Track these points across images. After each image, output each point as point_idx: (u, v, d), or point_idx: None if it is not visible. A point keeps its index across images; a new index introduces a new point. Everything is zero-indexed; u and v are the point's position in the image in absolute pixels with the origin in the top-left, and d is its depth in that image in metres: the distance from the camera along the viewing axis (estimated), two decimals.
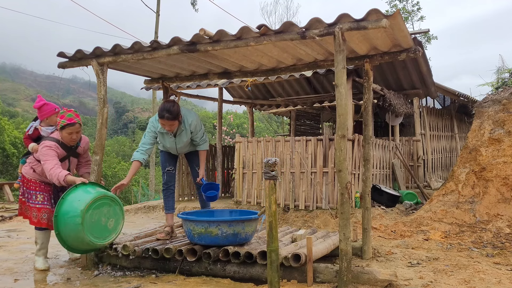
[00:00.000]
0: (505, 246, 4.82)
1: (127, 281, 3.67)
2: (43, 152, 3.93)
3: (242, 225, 3.80)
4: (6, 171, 22.33)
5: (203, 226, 3.75)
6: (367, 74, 4.30)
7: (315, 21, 3.31)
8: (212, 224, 3.73)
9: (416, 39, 6.27)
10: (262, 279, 3.54)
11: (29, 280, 3.78)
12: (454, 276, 3.69)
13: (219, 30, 3.57)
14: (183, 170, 8.67)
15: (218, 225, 3.73)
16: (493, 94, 7.21)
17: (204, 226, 3.75)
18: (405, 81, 9.16)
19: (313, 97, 9.22)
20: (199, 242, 3.83)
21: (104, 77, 4.19)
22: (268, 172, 3.15)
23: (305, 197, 6.83)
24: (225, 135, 18.86)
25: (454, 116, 11.65)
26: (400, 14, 3.25)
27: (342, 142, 3.37)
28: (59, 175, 3.80)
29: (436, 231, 5.47)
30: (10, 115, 44.50)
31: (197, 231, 3.79)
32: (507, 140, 5.98)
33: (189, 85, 8.22)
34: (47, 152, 3.93)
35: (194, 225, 3.80)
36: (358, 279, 3.40)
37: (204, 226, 3.75)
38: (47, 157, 3.91)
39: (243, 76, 5.00)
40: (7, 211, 8.52)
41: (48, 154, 3.93)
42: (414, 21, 20.72)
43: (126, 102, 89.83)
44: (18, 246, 5.25)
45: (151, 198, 18.07)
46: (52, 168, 3.84)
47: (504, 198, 5.66)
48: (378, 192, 7.03)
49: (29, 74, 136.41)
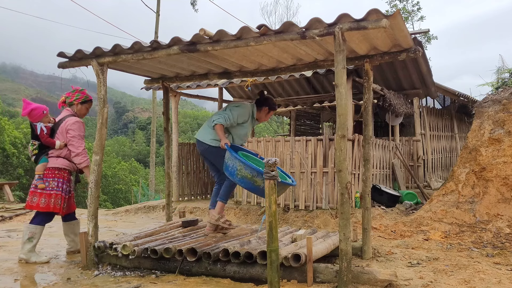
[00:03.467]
0: (505, 246, 4.82)
1: (127, 281, 3.67)
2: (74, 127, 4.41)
3: (282, 187, 3.88)
4: (6, 171, 22.31)
5: (251, 173, 3.76)
6: (367, 74, 4.30)
7: (315, 21, 3.31)
8: (260, 175, 3.68)
9: (416, 39, 6.27)
10: (262, 279, 3.54)
11: (29, 280, 3.78)
12: (454, 276, 3.69)
13: (219, 30, 3.57)
14: (183, 170, 8.68)
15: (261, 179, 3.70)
16: (493, 94, 7.21)
17: (252, 173, 3.76)
18: (405, 81, 9.17)
19: (313, 97, 9.22)
20: (239, 182, 3.91)
21: (104, 77, 4.19)
22: (268, 172, 3.15)
23: (305, 197, 6.83)
24: None
25: (454, 116, 11.65)
26: (400, 14, 3.25)
27: (342, 142, 3.37)
28: (86, 160, 4.41)
29: (436, 231, 5.47)
30: (10, 115, 44.48)
31: (243, 173, 3.80)
32: (507, 140, 5.98)
33: (189, 85, 8.22)
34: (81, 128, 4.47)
35: (243, 167, 3.80)
36: (358, 279, 3.40)
37: (252, 173, 3.76)
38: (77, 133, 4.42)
39: (243, 76, 5.00)
40: (7, 211, 8.52)
41: (82, 131, 4.47)
42: (414, 21, 20.74)
43: (126, 102, 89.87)
44: (18, 246, 5.24)
45: (151, 198, 18.07)
46: (84, 151, 4.43)
47: (504, 198, 5.66)
48: (378, 192, 7.03)
49: (29, 74, 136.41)
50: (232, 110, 4.47)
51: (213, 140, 4.43)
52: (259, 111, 4.66)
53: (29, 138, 15.63)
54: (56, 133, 4.44)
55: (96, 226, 4.20)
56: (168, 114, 5.46)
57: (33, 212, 8.54)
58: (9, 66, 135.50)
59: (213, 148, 4.44)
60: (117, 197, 27.65)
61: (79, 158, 4.40)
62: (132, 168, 33.76)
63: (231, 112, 4.45)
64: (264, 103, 4.66)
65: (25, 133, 24.58)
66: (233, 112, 4.45)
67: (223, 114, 4.43)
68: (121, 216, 8.57)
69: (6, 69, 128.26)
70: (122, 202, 25.54)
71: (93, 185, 4.20)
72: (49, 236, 6.01)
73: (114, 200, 27.10)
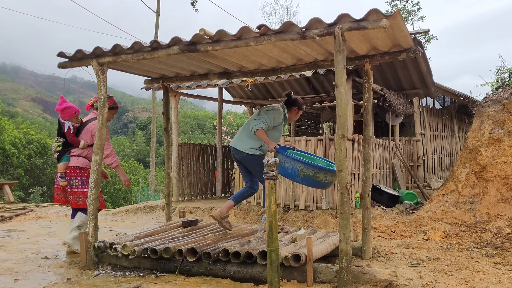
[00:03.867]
0: (505, 246, 4.82)
1: (127, 281, 3.67)
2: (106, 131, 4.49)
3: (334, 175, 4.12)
4: (6, 171, 22.30)
5: (313, 171, 4.07)
6: (367, 74, 4.30)
7: (315, 21, 3.31)
8: (322, 171, 4.10)
9: (416, 39, 6.27)
10: (262, 279, 3.54)
11: (29, 280, 3.78)
12: (454, 276, 3.69)
13: (219, 30, 3.57)
14: (183, 170, 8.68)
15: (326, 173, 4.10)
16: (493, 94, 7.21)
17: (314, 171, 4.08)
18: (405, 81, 9.16)
19: (313, 97, 9.22)
20: (301, 182, 4.17)
21: (104, 77, 4.19)
22: (268, 172, 3.15)
23: (305, 197, 6.83)
24: (225, 135, 18.84)
25: (454, 116, 11.65)
26: (400, 14, 3.25)
27: (342, 142, 3.37)
28: (116, 160, 4.63)
29: (436, 231, 5.47)
30: (10, 115, 44.53)
31: (305, 173, 4.07)
32: (507, 140, 5.98)
33: (189, 85, 8.22)
34: (106, 131, 4.50)
35: (304, 167, 4.07)
36: (358, 279, 3.40)
37: (314, 171, 4.08)
38: (107, 136, 4.48)
39: (243, 76, 5.00)
40: (7, 211, 8.52)
41: (107, 134, 4.52)
42: (414, 21, 20.74)
43: (126, 102, 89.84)
44: (18, 246, 5.25)
45: (151, 198, 18.06)
46: (113, 152, 4.62)
47: (504, 198, 5.66)
48: (378, 192, 7.03)
49: (29, 74, 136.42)
50: (268, 114, 4.55)
51: (251, 149, 4.56)
52: (290, 112, 4.77)
53: (29, 138, 15.64)
54: (81, 133, 4.67)
55: (96, 226, 4.20)
56: (168, 114, 5.46)
57: (31, 213, 8.50)
58: (9, 66, 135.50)
59: (251, 156, 4.56)
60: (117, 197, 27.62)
61: (109, 159, 4.62)
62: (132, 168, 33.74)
63: (267, 115, 4.53)
64: (294, 103, 4.76)
65: (25, 133, 24.60)
66: (269, 116, 4.54)
67: (261, 118, 4.49)
68: (121, 216, 8.57)
69: (6, 69, 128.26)
70: (122, 202, 25.53)
71: (93, 185, 4.20)
72: (49, 236, 6.02)
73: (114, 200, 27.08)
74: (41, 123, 49.75)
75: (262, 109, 4.70)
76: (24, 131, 25.10)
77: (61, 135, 4.72)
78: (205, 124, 55.27)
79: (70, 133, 4.65)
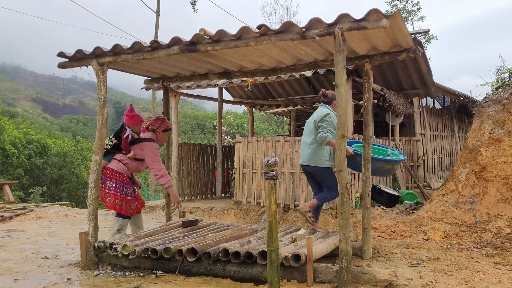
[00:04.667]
0: (505, 246, 4.82)
1: (127, 281, 3.67)
2: (156, 153, 4.76)
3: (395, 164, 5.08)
4: (6, 171, 22.28)
5: (392, 164, 4.90)
6: (367, 74, 4.30)
7: (315, 21, 3.31)
8: (397, 163, 5.09)
9: (416, 39, 6.27)
10: (262, 279, 3.54)
11: (29, 280, 3.78)
12: (454, 276, 3.69)
13: (219, 30, 3.57)
14: (183, 170, 8.68)
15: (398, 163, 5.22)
16: (493, 94, 7.21)
17: (392, 164, 4.92)
18: (405, 81, 9.16)
19: (313, 97, 9.22)
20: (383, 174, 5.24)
21: (104, 77, 4.19)
22: (268, 172, 3.15)
23: (305, 197, 6.83)
24: (225, 135, 18.86)
25: (454, 116, 11.65)
26: (400, 14, 3.25)
27: (342, 142, 3.37)
28: (169, 180, 4.74)
29: (436, 231, 5.46)
30: (10, 115, 44.50)
31: (385, 168, 4.79)
32: (507, 140, 5.98)
33: (189, 85, 8.22)
34: (157, 153, 4.78)
35: (385, 163, 4.77)
36: (358, 279, 3.40)
37: (392, 164, 4.92)
38: (158, 158, 4.75)
39: (243, 76, 5.00)
40: (7, 211, 8.52)
41: (158, 155, 4.78)
42: (414, 21, 20.70)
43: (126, 102, 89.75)
44: (18, 246, 5.25)
45: (151, 198, 18.05)
46: (165, 172, 4.74)
47: (504, 198, 5.65)
48: (378, 192, 7.02)
49: (29, 74, 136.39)
50: (326, 122, 4.69)
51: (327, 162, 4.77)
52: (334, 107, 4.87)
53: (29, 138, 15.68)
54: (134, 146, 4.78)
55: (96, 226, 4.21)
56: (168, 114, 5.46)
57: (31, 213, 8.51)
58: (9, 66, 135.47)
59: (326, 169, 4.80)
60: None
61: (163, 180, 4.71)
62: None
63: (327, 123, 4.67)
64: (333, 98, 4.90)
65: (25, 133, 24.59)
66: (329, 122, 4.68)
67: (325, 128, 4.64)
68: None
69: (6, 69, 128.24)
70: None
71: (93, 185, 4.21)
72: (49, 236, 6.02)
73: None
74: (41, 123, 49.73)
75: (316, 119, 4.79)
76: (24, 131, 25.06)
77: (117, 137, 4.80)
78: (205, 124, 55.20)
79: (127, 140, 4.74)
